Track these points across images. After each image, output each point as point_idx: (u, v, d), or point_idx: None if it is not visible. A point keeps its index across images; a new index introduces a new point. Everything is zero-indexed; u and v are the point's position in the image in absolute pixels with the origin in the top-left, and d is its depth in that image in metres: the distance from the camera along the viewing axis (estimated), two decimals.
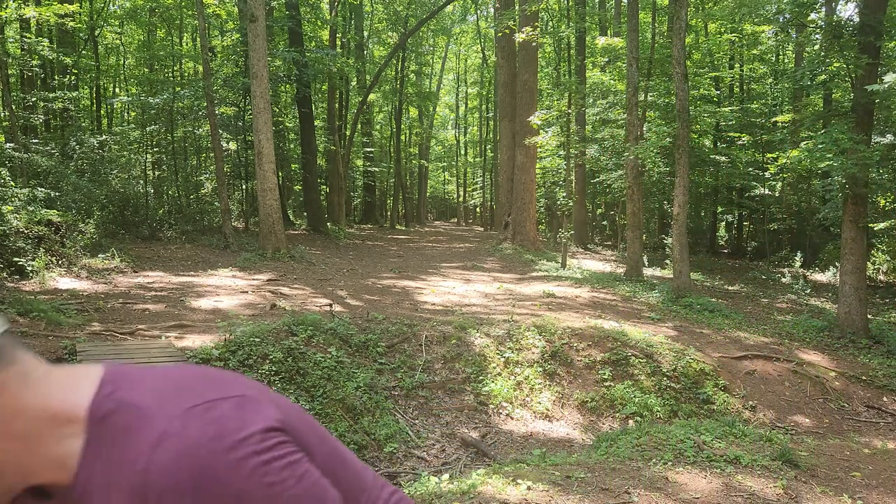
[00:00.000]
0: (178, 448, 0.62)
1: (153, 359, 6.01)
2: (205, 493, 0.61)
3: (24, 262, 9.45)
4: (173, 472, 0.61)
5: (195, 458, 0.61)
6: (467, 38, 37.60)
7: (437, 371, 7.11)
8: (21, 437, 0.66)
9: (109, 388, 0.71)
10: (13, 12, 13.16)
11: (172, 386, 0.70)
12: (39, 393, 0.68)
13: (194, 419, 0.63)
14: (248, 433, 0.64)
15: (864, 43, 9.04)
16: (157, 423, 0.65)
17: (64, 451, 0.68)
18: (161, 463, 0.62)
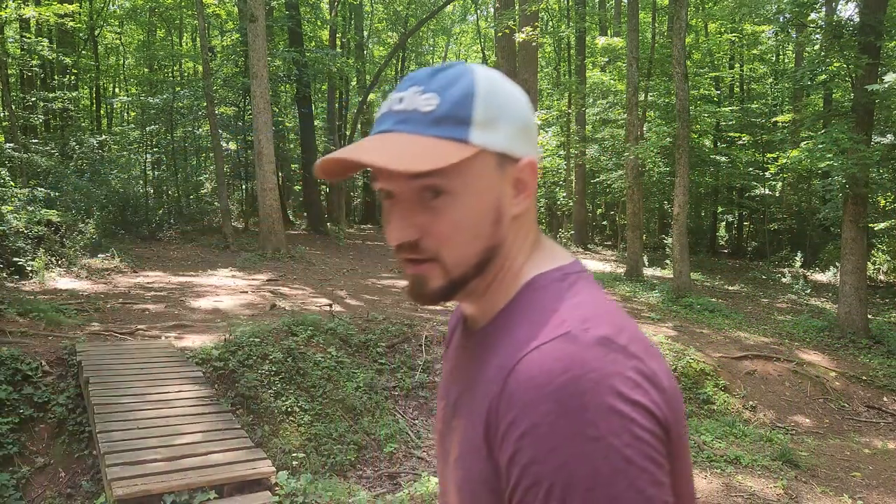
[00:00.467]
0: (567, 355, 0.59)
1: (153, 359, 6.01)
2: (560, 414, 0.57)
3: (24, 262, 9.45)
4: (547, 372, 0.59)
5: (578, 376, 0.58)
6: (467, 38, 37.61)
7: (437, 371, 7.10)
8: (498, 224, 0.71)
9: (565, 275, 0.70)
10: (13, 12, 13.15)
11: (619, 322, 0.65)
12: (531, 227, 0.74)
13: (604, 347, 0.60)
14: None
15: (864, 43, 9.03)
16: (571, 322, 0.62)
17: (504, 290, 0.72)
18: (543, 358, 0.60)
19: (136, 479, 3.91)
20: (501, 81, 0.72)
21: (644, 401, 0.59)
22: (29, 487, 4.92)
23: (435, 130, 0.68)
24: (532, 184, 0.72)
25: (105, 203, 15.05)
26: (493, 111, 0.70)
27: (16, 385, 5.42)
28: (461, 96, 0.69)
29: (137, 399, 5.08)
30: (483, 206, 0.70)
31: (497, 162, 0.70)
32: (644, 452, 0.57)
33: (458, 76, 0.70)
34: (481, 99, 0.69)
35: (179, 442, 4.49)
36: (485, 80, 0.71)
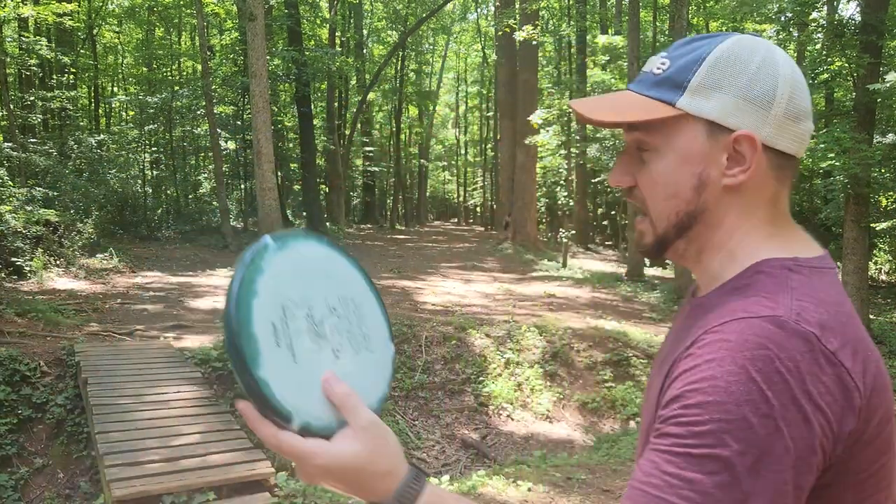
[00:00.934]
0: (770, 335, 0.61)
1: (151, 359, 5.98)
2: (745, 380, 0.59)
3: (22, 262, 9.42)
4: (744, 341, 0.61)
5: (773, 357, 0.59)
6: (467, 36, 37.57)
7: (437, 372, 7.08)
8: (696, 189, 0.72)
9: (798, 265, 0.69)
10: (11, 11, 13.11)
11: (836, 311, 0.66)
12: None
13: (809, 344, 0.61)
14: None
15: (865, 42, 9.00)
16: (785, 310, 0.63)
17: (726, 266, 0.73)
18: (744, 328, 0.62)
19: (135, 479, 3.88)
20: (750, 54, 0.72)
21: (828, 410, 0.60)
22: (27, 488, 4.89)
23: (652, 91, 0.73)
24: (751, 158, 0.71)
25: (103, 203, 15.02)
26: (712, 80, 0.71)
27: (14, 386, 5.39)
28: (687, 62, 0.72)
29: (136, 400, 5.05)
30: (682, 168, 0.73)
31: (707, 129, 0.71)
32: (803, 454, 0.58)
33: (704, 43, 0.73)
34: (707, 66, 0.71)
35: (178, 443, 4.46)
36: (724, 51, 0.72)
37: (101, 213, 14.95)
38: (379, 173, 31.81)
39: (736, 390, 0.59)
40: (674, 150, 0.73)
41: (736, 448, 0.57)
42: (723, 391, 0.59)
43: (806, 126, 0.72)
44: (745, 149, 0.71)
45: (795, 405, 0.58)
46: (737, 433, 0.57)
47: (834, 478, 0.62)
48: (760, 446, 0.57)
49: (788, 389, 0.58)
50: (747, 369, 0.59)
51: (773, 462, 0.57)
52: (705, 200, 0.73)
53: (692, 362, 0.63)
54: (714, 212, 0.73)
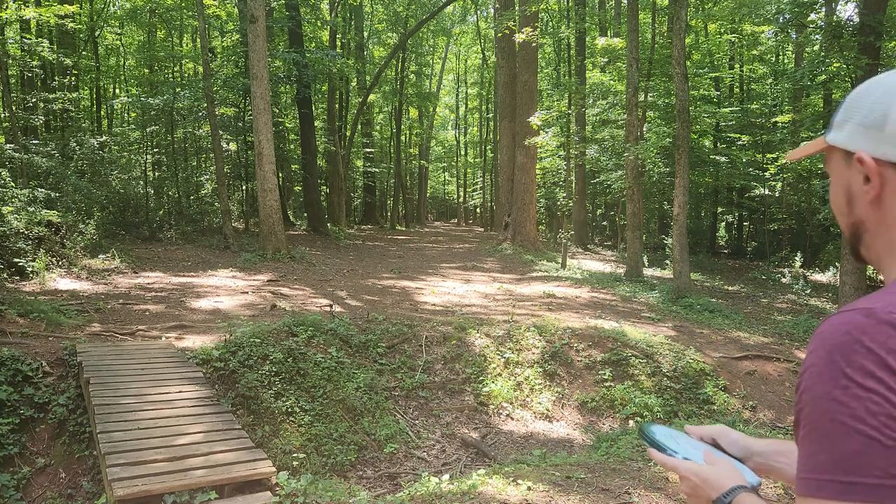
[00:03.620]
0: (856, 323, 0.73)
1: (153, 359, 6.02)
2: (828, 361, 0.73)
3: (25, 262, 9.46)
4: (833, 330, 0.74)
5: (854, 339, 0.72)
6: (467, 38, 37.60)
7: (437, 371, 7.11)
8: None
9: None
10: (13, 13, 13.16)
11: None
12: None
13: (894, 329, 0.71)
14: None
15: (863, 43, 9.04)
16: (880, 305, 0.74)
17: None
18: (837, 320, 0.75)
19: (137, 479, 3.92)
20: (872, 87, 0.86)
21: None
22: (29, 488, 4.92)
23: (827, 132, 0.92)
24: (874, 176, 0.84)
25: (105, 204, 15.06)
26: (846, 114, 0.88)
27: (16, 386, 5.42)
28: (841, 104, 0.90)
29: (138, 399, 5.09)
30: (837, 189, 0.90)
31: (844, 156, 0.88)
32: (889, 412, 0.68)
33: None
34: (846, 104, 0.89)
35: (180, 442, 4.49)
36: (861, 87, 0.88)
37: (103, 214, 14.99)
38: (379, 174, 31.85)
39: (824, 371, 0.73)
40: (833, 176, 0.91)
41: (828, 418, 0.70)
42: (815, 374, 0.74)
43: None
44: (865, 167, 0.84)
45: (873, 378, 0.69)
46: (826, 407, 0.71)
47: None
48: (848, 412, 0.69)
49: (865, 366, 0.70)
50: (830, 354, 0.73)
51: (860, 421, 0.69)
52: (859, 214, 0.88)
53: (806, 354, 0.78)
54: (872, 224, 0.87)
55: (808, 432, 0.73)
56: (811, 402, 0.73)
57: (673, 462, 1.02)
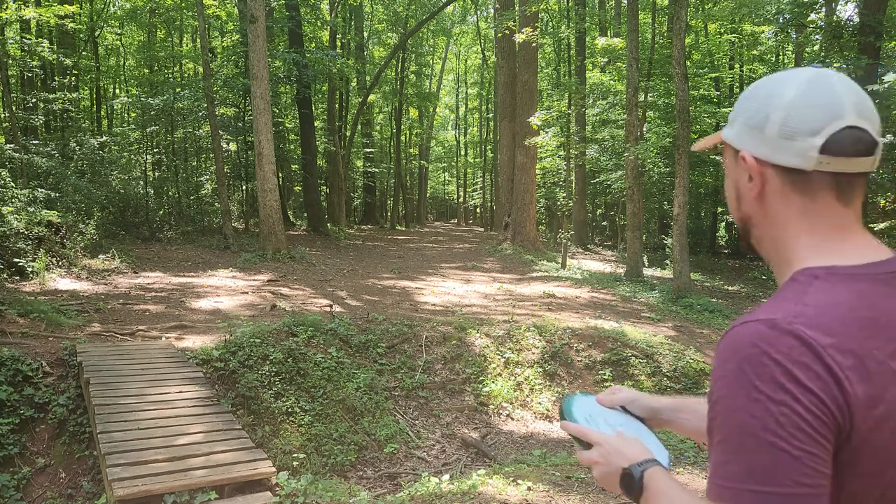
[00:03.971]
0: (763, 335, 0.75)
1: (153, 359, 6.02)
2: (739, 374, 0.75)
3: (25, 262, 9.46)
4: (741, 342, 0.77)
5: (762, 352, 0.74)
6: (467, 38, 37.60)
7: (437, 371, 7.11)
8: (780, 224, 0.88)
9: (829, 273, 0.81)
10: (13, 13, 13.16)
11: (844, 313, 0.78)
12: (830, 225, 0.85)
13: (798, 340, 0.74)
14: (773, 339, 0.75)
15: (863, 43, 9.05)
16: (783, 313, 0.76)
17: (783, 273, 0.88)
18: (744, 332, 0.77)
19: (137, 479, 3.92)
20: (765, 86, 0.88)
21: (820, 392, 0.72)
22: (29, 488, 4.92)
23: None
24: (755, 173, 0.87)
25: (105, 204, 15.06)
26: (736, 113, 0.90)
27: (16, 386, 5.42)
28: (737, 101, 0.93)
29: (138, 399, 5.09)
30: (728, 183, 0.94)
31: (733, 152, 0.91)
32: (796, 424, 0.71)
33: None
34: (737, 102, 0.91)
35: (180, 442, 4.49)
36: (751, 88, 0.90)
37: (103, 214, 14.99)
38: (379, 174, 31.85)
39: (734, 383, 0.75)
40: (726, 169, 0.95)
41: (739, 428, 0.73)
42: (726, 385, 0.76)
43: (806, 143, 0.82)
44: (748, 165, 0.87)
45: (782, 389, 0.72)
46: (739, 419, 0.73)
47: (851, 456, 0.74)
48: (759, 424, 0.72)
49: (774, 377, 0.72)
50: (740, 365, 0.74)
51: (770, 433, 0.71)
52: (744, 209, 0.92)
53: (715, 362, 0.80)
54: (757, 220, 0.91)
55: (722, 441, 0.75)
56: (724, 413, 0.75)
57: (587, 430, 1.03)
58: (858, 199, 0.86)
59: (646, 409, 1.14)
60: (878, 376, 0.74)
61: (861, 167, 0.82)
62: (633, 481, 0.91)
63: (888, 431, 0.74)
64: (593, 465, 1.00)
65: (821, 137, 0.81)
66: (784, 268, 0.88)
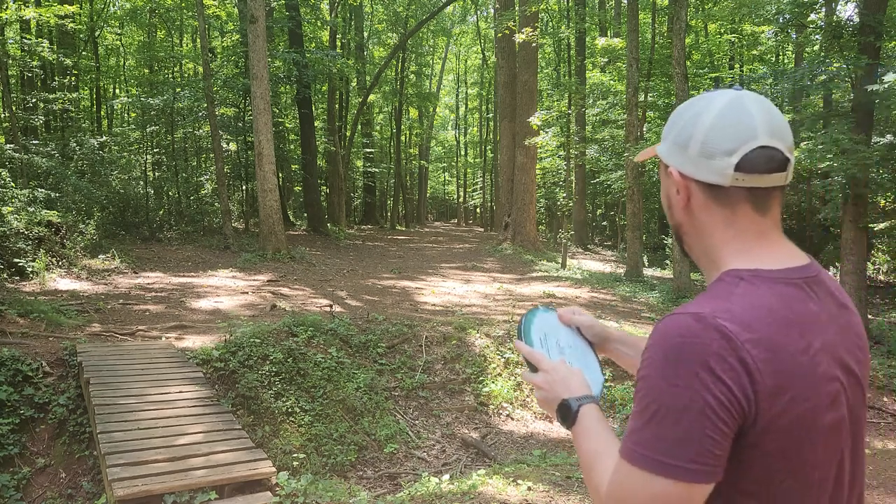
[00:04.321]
0: (689, 327, 0.85)
1: (153, 359, 6.02)
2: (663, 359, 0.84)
3: (25, 262, 9.46)
4: (668, 332, 0.86)
5: (686, 343, 0.83)
6: (467, 38, 37.61)
7: (437, 372, 7.11)
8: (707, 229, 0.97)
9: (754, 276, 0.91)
10: (13, 13, 13.16)
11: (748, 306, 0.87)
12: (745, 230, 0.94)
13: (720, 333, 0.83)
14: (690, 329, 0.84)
15: (863, 43, 9.03)
16: (710, 309, 0.86)
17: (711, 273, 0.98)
18: (673, 322, 0.86)
19: (137, 479, 3.92)
20: (684, 109, 0.98)
21: (731, 383, 0.81)
22: (30, 488, 4.92)
23: None
24: (681, 186, 0.97)
25: (105, 204, 15.05)
26: (667, 130, 1.00)
27: (16, 386, 5.42)
28: None
29: (138, 399, 5.09)
30: (662, 193, 1.05)
31: (664, 165, 1.01)
32: (702, 410, 0.81)
33: None
34: (669, 120, 1.00)
35: (180, 442, 4.49)
36: (680, 107, 0.99)
37: (103, 215, 14.99)
38: (379, 174, 31.85)
39: (657, 366, 0.84)
40: (661, 181, 1.04)
41: (656, 406, 0.83)
42: (650, 366, 0.85)
43: (723, 162, 0.91)
44: (674, 180, 0.97)
45: (696, 378, 0.81)
46: (657, 396, 0.83)
47: (756, 440, 0.83)
48: (673, 404, 0.82)
49: (691, 367, 0.82)
50: (665, 352, 0.84)
51: (681, 414, 0.81)
52: (676, 218, 1.01)
53: (647, 344, 0.89)
54: (687, 228, 1.00)
55: (641, 411, 0.85)
56: (646, 388, 0.85)
57: (538, 356, 1.12)
58: (776, 208, 0.95)
59: (598, 336, 1.25)
60: (788, 369, 0.84)
61: (773, 182, 0.92)
62: (568, 412, 1.02)
63: (793, 416, 0.84)
64: (537, 389, 1.09)
65: (736, 157, 0.90)
66: (712, 270, 0.97)
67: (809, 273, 0.93)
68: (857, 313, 0.97)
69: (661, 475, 0.82)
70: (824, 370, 0.87)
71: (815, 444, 0.86)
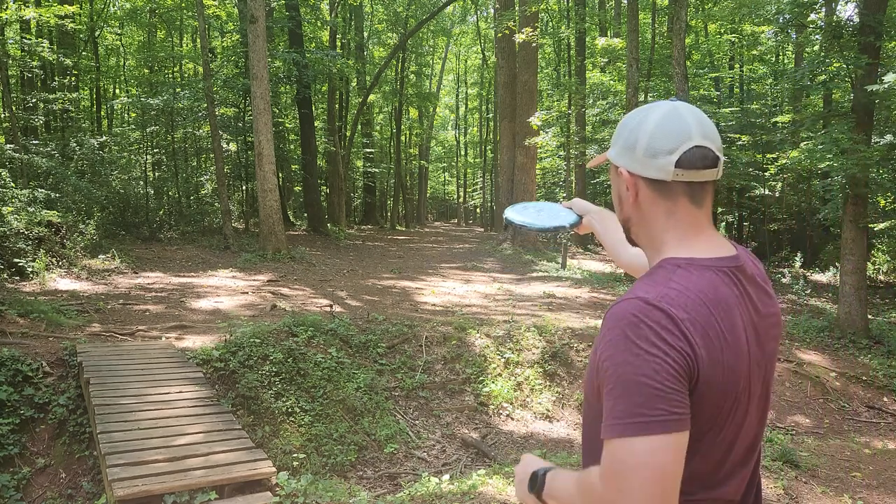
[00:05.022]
0: (638, 308, 0.98)
1: (153, 360, 6.02)
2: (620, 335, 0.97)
3: (25, 262, 9.46)
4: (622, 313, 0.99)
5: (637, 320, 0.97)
6: (467, 38, 37.61)
7: (437, 372, 7.11)
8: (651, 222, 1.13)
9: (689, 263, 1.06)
10: (13, 13, 13.16)
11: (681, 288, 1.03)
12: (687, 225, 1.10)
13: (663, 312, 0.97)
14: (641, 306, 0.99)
15: (863, 43, 9.03)
16: (653, 293, 1.00)
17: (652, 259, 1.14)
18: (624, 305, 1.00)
19: (137, 479, 3.92)
20: (630, 119, 1.13)
21: (679, 349, 0.95)
22: (29, 488, 4.92)
23: None
24: (629, 184, 1.12)
25: (105, 204, 15.05)
26: (616, 136, 1.15)
27: (16, 386, 5.42)
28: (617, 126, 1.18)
29: (138, 400, 5.09)
30: (613, 191, 1.20)
31: (615, 167, 1.15)
32: (666, 370, 0.93)
33: None
34: (618, 128, 1.15)
35: (180, 442, 4.49)
36: (627, 116, 1.14)
37: (103, 215, 14.99)
38: (379, 174, 31.84)
39: (619, 343, 0.96)
40: (612, 181, 1.20)
41: (625, 377, 0.94)
42: (612, 346, 0.97)
43: (665, 160, 1.06)
44: (624, 178, 1.12)
45: (655, 346, 0.94)
46: (623, 370, 0.94)
47: (697, 398, 0.97)
48: (638, 370, 0.93)
49: (649, 338, 0.95)
50: (624, 330, 0.97)
51: (648, 377, 0.93)
52: (625, 212, 1.16)
53: (602, 330, 1.02)
54: (635, 220, 1.15)
55: (611, 389, 0.95)
56: (611, 367, 0.96)
57: None
58: (709, 202, 1.10)
59: (582, 209, 1.60)
60: (716, 343, 0.98)
61: (707, 177, 1.07)
62: (536, 477, 1.15)
63: (719, 382, 0.99)
64: (516, 483, 1.24)
65: (675, 155, 1.05)
66: (655, 256, 1.12)
67: (737, 263, 1.08)
68: (775, 298, 1.15)
69: (644, 434, 0.91)
70: (743, 344, 1.02)
71: (735, 404, 1.02)
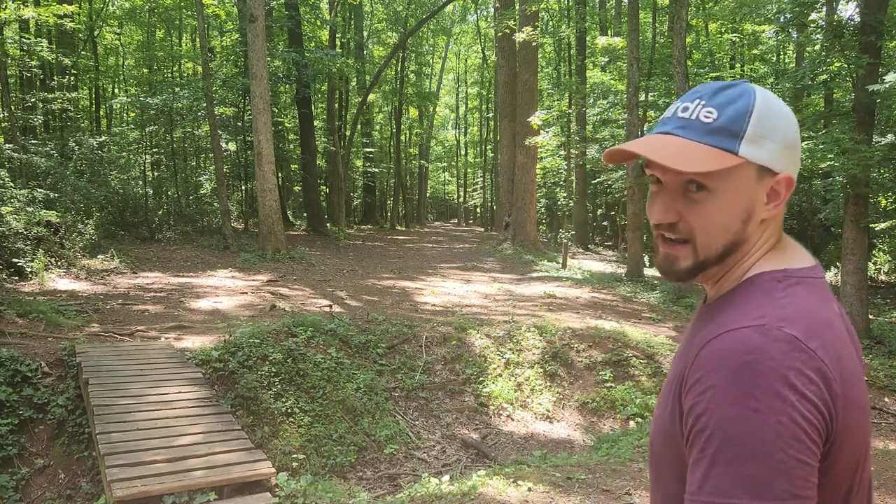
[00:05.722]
0: (755, 342, 0.74)
1: (152, 360, 6.00)
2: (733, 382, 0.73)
3: (24, 263, 9.44)
4: (733, 350, 0.75)
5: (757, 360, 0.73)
6: (467, 38, 37.60)
7: (437, 372, 7.09)
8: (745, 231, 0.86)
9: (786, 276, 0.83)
10: (12, 13, 13.13)
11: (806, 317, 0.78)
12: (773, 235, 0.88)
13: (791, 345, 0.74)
14: None
15: (864, 43, 9.01)
16: (769, 318, 0.76)
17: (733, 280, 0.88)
18: (734, 339, 0.75)
19: (136, 480, 3.90)
20: (777, 104, 0.86)
21: (814, 397, 0.72)
22: (28, 489, 4.90)
23: (710, 139, 0.84)
24: (785, 195, 0.86)
25: (104, 204, 15.03)
26: (762, 129, 0.84)
27: (15, 386, 5.40)
28: (737, 113, 0.84)
29: (137, 400, 5.07)
30: (736, 207, 0.85)
31: (757, 172, 0.85)
32: (794, 433, 0.70)
33: (738, 95, 0.85)
34: (755, 118, 0.84)
35: (179, 443, 4.48)
36: (762, 102, 0.85)
37: (102, 215, 14.96)
38: (379, 174, 31.83)
39: (726, 393, 0.72)
40: (730, 191, 0.84)
41: (732, 441, 0.70)
42: (719, 397, 0.72)
43: (798, 153, 0.87)
44: (781, 187, 0.85)
45: (779, 397, 0.70)
46: (729, 429, 0.71)
47: (829, 449, 0.75)
48: (755, 434, 0.69)
49: (771, 386, 0.71)
50: (733, 375, 0.72)
51: (767, 443, 0.69)
52: (748, 232, 0.87)
53: (697, 373, 0.76)
54: (749, 240, 0.87)
55: (713, 454, 0.72)
56: (713, 424, 0.72)
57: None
58: None
59: None
60: (847, 375, 0.76)
61: None
62: None
63: (852, 426, 0.76)
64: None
65: None
66: (733, 271, 0.88)
67: (821, 273, 0.88)
68: None
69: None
70: (860, 372, 0.81)
71: (863, 446, 0.81)
